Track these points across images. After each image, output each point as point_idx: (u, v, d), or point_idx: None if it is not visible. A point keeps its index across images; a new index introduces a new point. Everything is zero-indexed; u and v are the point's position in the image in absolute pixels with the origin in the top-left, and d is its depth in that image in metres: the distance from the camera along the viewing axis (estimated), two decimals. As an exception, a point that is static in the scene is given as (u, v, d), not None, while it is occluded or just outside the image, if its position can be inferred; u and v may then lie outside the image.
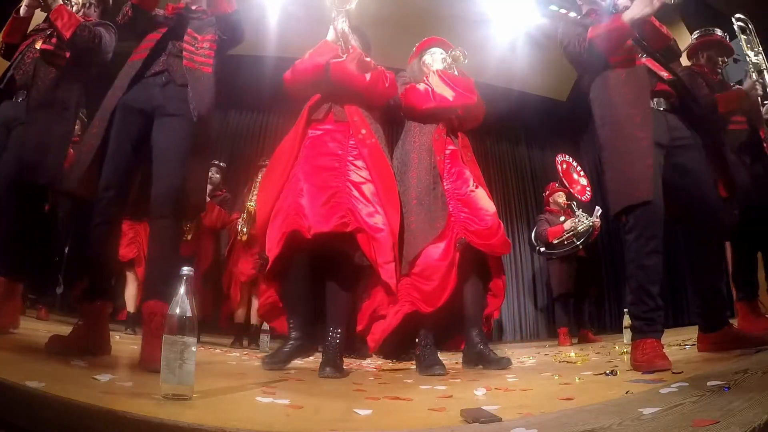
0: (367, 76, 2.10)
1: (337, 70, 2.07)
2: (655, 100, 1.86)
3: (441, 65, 2.42)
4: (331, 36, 2.16)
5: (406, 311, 2.00)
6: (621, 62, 1.86)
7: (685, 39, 3.85)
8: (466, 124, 2.44)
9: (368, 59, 2.15)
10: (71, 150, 3.30)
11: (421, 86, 2.34)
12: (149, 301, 1.60)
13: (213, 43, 1.86)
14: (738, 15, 2.53)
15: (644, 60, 1.90)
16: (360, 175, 2.01)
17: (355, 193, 1.97)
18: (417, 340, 2.09)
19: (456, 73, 2.40)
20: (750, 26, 2.51)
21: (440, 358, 2.03)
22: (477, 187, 2.25)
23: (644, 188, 1.69)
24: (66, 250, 3.70)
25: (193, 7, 1.92)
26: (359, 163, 2.04)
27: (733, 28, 2.58)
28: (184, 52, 1.79)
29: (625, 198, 1.74)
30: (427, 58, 2.48)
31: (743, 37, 2.50)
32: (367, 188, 2.00)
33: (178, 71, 1.77)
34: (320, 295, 2.01)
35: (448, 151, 2.29)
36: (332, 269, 1.97)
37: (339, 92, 2.12)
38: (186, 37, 1.82)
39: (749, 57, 2.45)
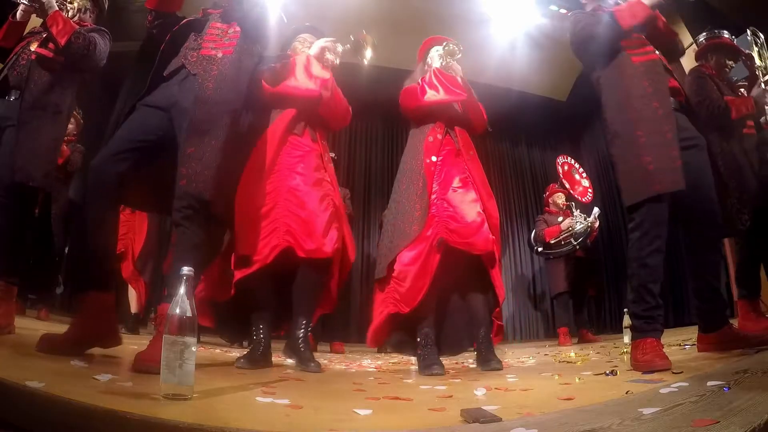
0: (341, 109, 2.27)
1: (329, 104, 2.19)
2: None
3: (438, 62, 2.42)
4: (314, 51, 2.20)
5: (389, 311, 2.10)
6: (637, 54, 1.85)
7: (685, 40, 3.86)
8: (469, 124, 2.42)
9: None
10: (66, 148, 3.31)
11: (414, 86, 2.37)
12: (164, 304, 1.56)
13: (236, 32, 1.82)
14: (752, 27, 2.57)
15: (658, 54, 1.89)
16: (334, 196, 2.13)
17: (336, 213, 2.09)
18: (418, 340, 2.10)
19: (457, 66, 2.40)
20: (761, 37, 2.53)
21: (441, 359, 2.05)
22: (466, 185, 2.24)
23: (677, 178, 1.68)
24: (66, 251, 3.70)
25: (222, 4, 1.89)
26: (330, 183, 2.15)
27: (735, 29, 2.59)
28: (204, 43, 1.75)
29: (655, 186, 1.69)
30: (428, 59, 2.50)
31: (755, 48, 2.53)
32: (338, 208, 2.12)
33: (194, 62, 1.73)
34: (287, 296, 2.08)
35: (442, 153, 2.28)
36: (310, 271, 2.03)
37: (315, 115, 2.20)
38: (210, 30, 1.79)
39: (760, 67, 2.49)
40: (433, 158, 2.23)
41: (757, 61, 2.52)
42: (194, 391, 1.06)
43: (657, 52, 1.91)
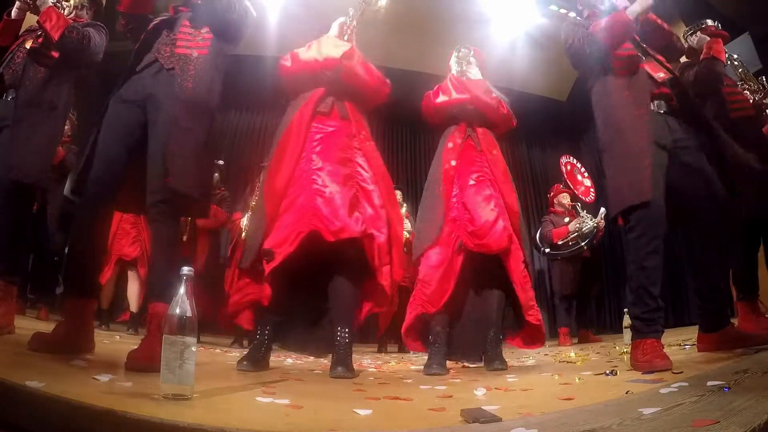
0: (373, 79, 2.15)
1: (351, 71, 2.08)
2: (656, 102, 1.87)
3: (455, 68, 2.52)
4: (334, 32, 2.17)
5: (417, 312, 2.14)
6: (623, 68, 1.88)
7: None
8: (492, 124, 2.45)
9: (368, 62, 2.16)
10: (61, 149, 3.31)
11: (429, 92, 2.45)
12: (152, 303, 1.61)
13: (209, 33, 1.82)
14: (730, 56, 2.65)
15: (645, 64, 1.91)
16: (365, 178, 2.01)
17: (362, 195, 1.97)
18: (429, 338, 2.14)
19: (473, 70, 2.50)
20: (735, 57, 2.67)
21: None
22: (480, 184, 2.26)
23: (643, 189, 1.70)
24: (66, 251, 3.69)
25: (192, 1, 1.87)
26: (363, 163, 2.03)
27: (735, 29, 2.62)
28: (179, 42, 1.75)
29: (624, 199, 1.75)
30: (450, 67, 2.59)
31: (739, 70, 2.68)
32: (372, 190, 2.00)
33: (169, 57, 1.72)
34: (317, 295, 1.98)
35: (461, 156, 2.32)
36: (337, 270, 1.93)
37: (344, 90, 2.10)
38: (182, 28, 1.78)
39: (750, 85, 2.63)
40: (452, 162, 2.29)
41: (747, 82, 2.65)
42: (194, 391, 1.06)
43: (645, 58, 1.93)
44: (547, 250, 4.65)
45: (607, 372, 1.57)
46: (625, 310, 3.62)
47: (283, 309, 1.95)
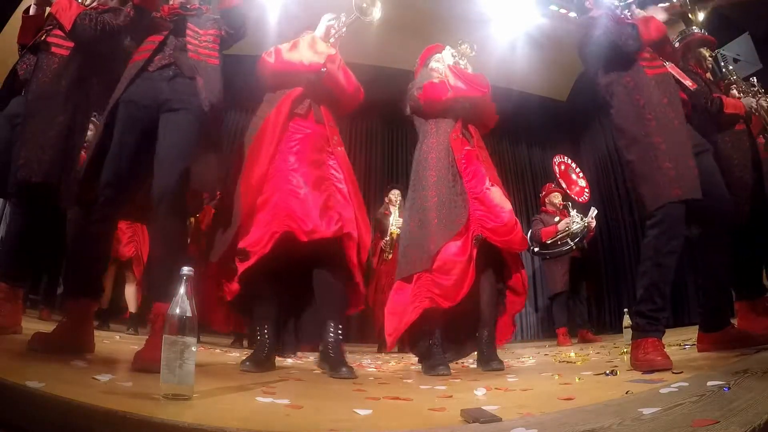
0: (351, 86, 2.17)
1: (333, 76, 2.10)
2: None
3: (451, 60, 2.48)
4: (320, 32, 2.17)
5: (425, 306, 2.03)
6: (651, 67, 1.89)
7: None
8: (481, 121, 2.47)
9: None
10: (84, 154, 3.25)
11: (437, 80, 2.39)
12: (156, 303, 1.60)
13: (216, 38, 1.85)
14: (719, 52, 2.70)
15: (669, 67, 1.93)
16: (340, 179, 2.04)
17: (339, 196, 1.99)
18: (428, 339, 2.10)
19: (469, 68, 2.49)
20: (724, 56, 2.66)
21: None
22: (492, 185, 2.28)
23: (696, 185, 1.71)
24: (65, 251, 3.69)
25: (189, 6, 1.90)
26: (335, 166, 2.06)
27: (735, 29, 2.62)
28: (189, 45, 1.78)
29: (672, 193, 1.72)
30: (433, 63, 2.53)
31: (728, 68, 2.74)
32: (345, 191, 2.02)
33: (186, 63, 1.75)
34: (301, 293, 2.00)
35: (464, 151, 2.31)
36: (322, 267, 1.93)
37: (322, 94, 2.13)
38: (188, 32, 1.80)
39: (737, 80, 2.69)
40: (462, 152, 2.28)
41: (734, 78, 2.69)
42: (194, 391, 1.06)
43: (667, 64, 1.95)
44: (536, 249, 4.65)
45: (607, 372, 1.57)
46: (625, 310, 3.64)
47: (272, 308, 1.96)
